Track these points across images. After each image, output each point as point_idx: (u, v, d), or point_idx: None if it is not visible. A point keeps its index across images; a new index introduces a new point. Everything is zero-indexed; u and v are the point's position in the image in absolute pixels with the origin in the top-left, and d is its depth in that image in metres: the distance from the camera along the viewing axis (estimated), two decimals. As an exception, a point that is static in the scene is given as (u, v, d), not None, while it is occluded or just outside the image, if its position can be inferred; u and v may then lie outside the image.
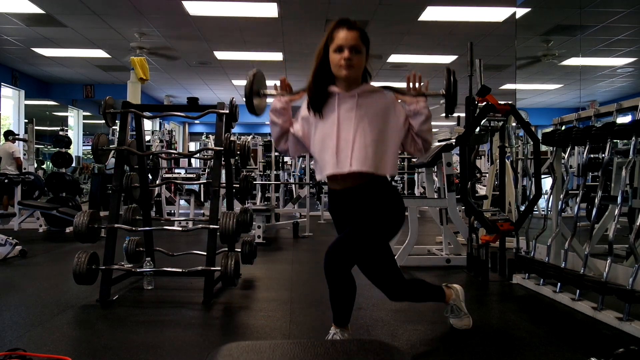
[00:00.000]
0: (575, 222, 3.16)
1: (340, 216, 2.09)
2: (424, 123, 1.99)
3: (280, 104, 2.06)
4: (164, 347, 2.20)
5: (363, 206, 1.99)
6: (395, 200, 2.03)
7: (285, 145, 2.12)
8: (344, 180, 1.97)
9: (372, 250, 2.02)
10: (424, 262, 4.18)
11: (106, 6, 6.46)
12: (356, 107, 1.95)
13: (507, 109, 3.38)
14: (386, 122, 1.97)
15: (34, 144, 7.47)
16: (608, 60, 8.24)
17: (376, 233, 1.99)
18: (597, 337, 2.41)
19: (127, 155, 3.24)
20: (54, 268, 4.07)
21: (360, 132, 1.92)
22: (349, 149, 1.92)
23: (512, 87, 9.46)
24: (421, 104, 2.00)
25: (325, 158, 1.96)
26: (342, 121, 1.95)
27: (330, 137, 1.95)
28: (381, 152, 1.95)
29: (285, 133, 2.10)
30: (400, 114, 2.00)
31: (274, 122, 2.09)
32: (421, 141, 2.02)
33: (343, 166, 1.92)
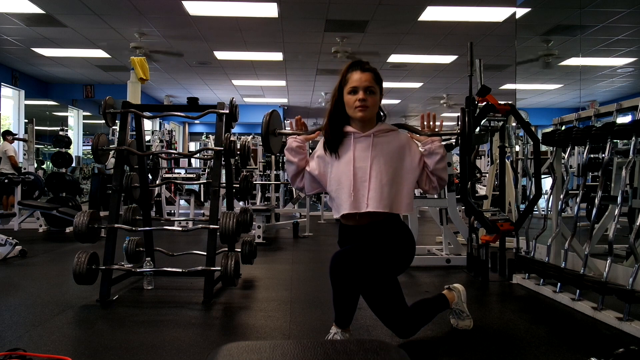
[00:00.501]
0: (575, 222, 3.16)
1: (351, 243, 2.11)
2: (439, 162, 2.03)
3: (297, 143, 2.11)
4: (164, 347, 2.20)
5: (376, 240, 2.03)
6: (406, 237, 2.09)
7: (301, 183, 2.16)
8: (359, 218, 2.01)
9: (379, 278, 2.03)
10: (424, 262, 4.18)
11: (106, 6, 6.46)
12: (372, 146, 2.00)
13: (507, 109, 3.38)
14: (401, 162, 2.02)
15: (34, 144, 7.46)
16: (608, 60, 8.24)
17: (385, 260, 2.03)
18: (597, 337, 2.41)
19: (127, 155, 3.24)
20: (54, 268, 4.07)
21: (375, 172, 1.97)
22: (365, 189, 1.97)
23: (512, 87, 9.46)
24: (436, 143, 2.04)
25: (341, 197, 2.01)
26: (357, 161, 1.99)
27: (346, 176, 1.99)
28: (396, 191, 1.99)
29: (301, 171, 2.14)
30: (416, 154, 2.05)
31: (290, 161, 2.12)
32: (436, 179, 2.06)
33: (360, 206, 1.97)
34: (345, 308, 2.05)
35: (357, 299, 2.06)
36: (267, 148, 2.24)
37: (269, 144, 2.23)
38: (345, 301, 2.04)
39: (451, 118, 13.65)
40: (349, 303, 2.05)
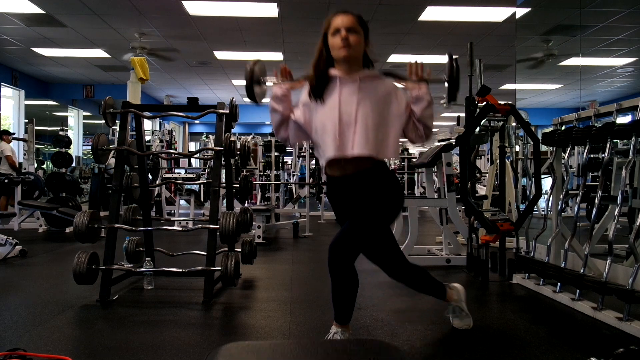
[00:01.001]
0: (575, 222, 3.16)
1: (340, 204, 2.10)
2: (425, 109, 1.99)
3: (281, 91, 2.05)
4: (164, 347, 2.20)
5: (363, 194, 1.99)
6: (394, 185, 2.05)
7: (286, 133, 2.11)
8: (344, 165, 1.97)
9: (375, 237, 2.03)
10: (424, 262, 4.17)
11: (106, 6, 6.46)
12: (358, 90, 1.96)
13: (507, 109, 3.39)
14: (388, 107, 1.98)
15: (34, 144, 7.45)
16: (608, 60, 8.24)
17: (378, 221, 2.00)
18: (597, 337, 2.41)
19: (127, 155, 3.24)
20: (54, 268, 4.07)
21: (361, 116, 1.93)
22: (351, 133, 1.92)
23: (512, 87, 9.46)
24: (423, 89, 2.00)
25: (326, 141, 1.96)
26: (343, 104, 1.95)
27: (331, 120, 1.95)
28: (383, 135, 1.95)
29: (285, 120, 2.09)
30: (402, 100, 2.01)
31: (274, 109, 2.08)
32: (423, 127, 2.02)
33: (345, 149, 1.92)
34: (344, 301, 2.06)
35: (356, 291, 2.06)
36: (252, 97, 2.18)
37: (253, 93, 2.17)
38: (344, 293, 2.05)
39: (451, 118, 13.64)
40: (348, 295, 2.05)
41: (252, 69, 2.14)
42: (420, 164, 5.24)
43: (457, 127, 6.22)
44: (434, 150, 4.73)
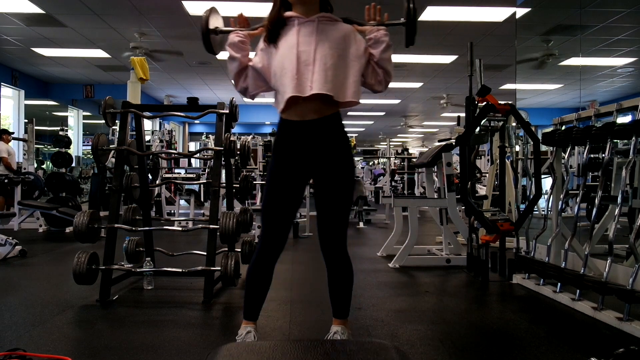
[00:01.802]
0: (575, 222, 3.16)
1: (296, 156, 1.96)
2: (384, 51, 1.96)
3: (239, 38, 2.00)
4: (164, 347, 2.20)
5: (329, 152, 1.94)
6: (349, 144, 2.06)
7: (245, 83, 2.02)
8: (304, 109, 1.90)
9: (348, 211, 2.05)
10: (424, 262, 4.18)
11: (106, 6, 6.46)
12: (316, 31, 1.92)
13: (507, 109, 3.39)
14: (346, 49, 1.94)
15: (34, 144, 7.45)
16: (608, 60, 8.24)
17: (350, 196, 2.03)
18: (597, 337, 2.41)
19: (127, 155, 3.24)
20: (54, 268, 4.07)
21: (320, 55, 1.88)
22: (310, 72, 1.86)
23: (512, 87, 9.45)
24: (381, 31, 1.98)
25: (284, 82, 1.88)
26: (301, 45, 1.90)
27: (289, 60, 1.88)
28: (342, 76, 1.90)
29: (244, 69, 2.01)
30: (361, 42, 1.98)
31: (232, 57, 1.99)
32: (382, 72, 1.99)
33: (303, 89, 1.85)
34: (341, 291, 2.11)
35: (352, 278, 2.14)
36: (208, 47, 2.11)
37: (210, 43, 2.10)
38: (341, 283, 2.11)
39: (451, 118, 13.65)
40: (345, 284, 2.12)
41: (207, 18, 2.08)
42: (420, 164, 5.24)
43: (457, 127, 6.22)
44: (434, 150, 4.73)
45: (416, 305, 2.96)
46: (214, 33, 2.12)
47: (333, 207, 1.99)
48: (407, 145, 21.80)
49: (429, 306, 2.94)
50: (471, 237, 3.78)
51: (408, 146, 21.19)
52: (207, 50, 2.14)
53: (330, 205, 1.99)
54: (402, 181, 11.40)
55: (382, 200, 9.61)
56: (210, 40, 2.11)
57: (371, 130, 20.10)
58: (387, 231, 6.01)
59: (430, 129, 19.16)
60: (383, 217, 7.95)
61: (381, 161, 15.27)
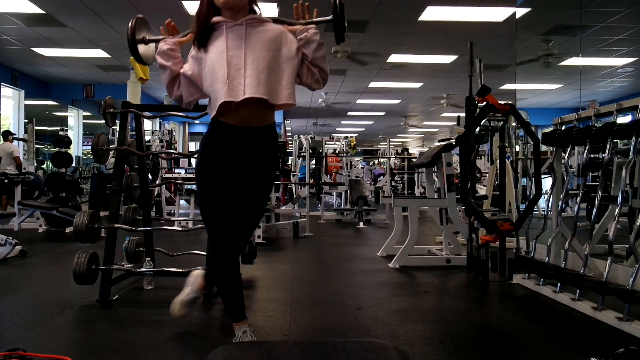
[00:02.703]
0: (575, 222, 3.16)
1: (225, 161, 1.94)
2: (317, 50, 1.96)
3: (168, 45, 1.98)
4: (164, 347, 2.20)
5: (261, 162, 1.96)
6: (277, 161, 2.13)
7: (178, 91, 2.01)
8: (239, 114, 1.88)
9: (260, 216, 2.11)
10: (424, 262, 4.18)
11: (106, 6, 6.46)
12: (245, 34, 1.90)
13: (507, 109, 3.39)
14: (278, 50, 1.92)
15: (33, 144, 7.46)
16: (608, 60, 8.24)
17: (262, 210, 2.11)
18: (597, 337, 2.41)
19: (127, 155, 3.24)
20: (54, 268, 4.07)
21: (251, 59, 1.87)
22: (241, 77, 1.85)
23: (512, 87, 9.45)
24: (312, 31, 1.97)
25: (216, 88, 1.86)
26: (230, 49, 1.88)
27: (220, 65, 1.87)
28: (275, 79, 1.88)
29: (176, 77, 1.99)
30: (293, 43, 1.97)
31: (162, 66, 1.97)
32: (318, 70, 1.99)
33: (236, 94, 1.84)
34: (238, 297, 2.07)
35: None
36: (137, 57, 2.08)
37: (138, 53, 2.07)
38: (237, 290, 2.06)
39: (451, 118, 13.65)
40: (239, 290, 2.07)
41: (132, 27, 2.06)
42: (420, 164, 5.24)
43: (457, 127, 6.22)
44: (434, 150, 4.73)
45: (416, 305, 2.96)
46: (142, 42, 2.10)
47: (245, 210, 2.00)
48: (407, 145, 21.81)
49: (429, 306, 2.94)
50: (471, 237, 3.78)
51: (408, 146, 21.21)
52: (137, 60, 2.12)
53: (243, 209, 1.99)
54: (402, 181, 11.40)
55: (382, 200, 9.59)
56: (137, 49, 2.09)
57: (371, 130, 20.11)
58: (387, 231, 6.01)
59: (430, 129, 19.17)
60: (383, 217, 7.95)
61: (381, 161, 15.27)
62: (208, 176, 1.96)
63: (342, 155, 10.17)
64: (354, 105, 14.08)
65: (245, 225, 2.03)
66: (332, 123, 18.27)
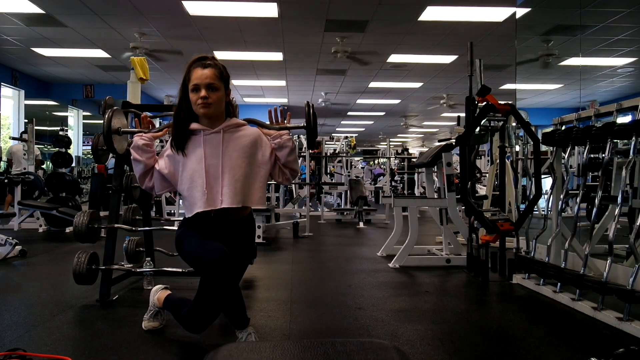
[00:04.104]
0: (575, 222, 3.16)
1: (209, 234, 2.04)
2: (289, 154, 2.05)
3: (143, 141, 2.04)
4: (164, 347, 2.20)
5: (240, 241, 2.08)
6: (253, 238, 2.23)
7: (150, 183, 2.07)
8: (215, 216, 1.99)
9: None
10: (424, 262, 4.18)
11: (106, 6, 6.46)
12: (222, 142, 1.98)
13: (507, 109, 3.39)
14: (253, 156, 2.01)
15: (34, 144, 7.46)
16: (608, 60, 8.24)
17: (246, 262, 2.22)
18: (597, 337, 2.41)
19: (127, 155, 3.24)
20: (54, 268, 4.07)
21: (228, 168, 1.95)
22: (219, 186, 1.94)
23: (512, 87, 9.46)
24: (285, 137, 2.05)
25: (195, 195, 1.95)
26: (209, 158, 1.96)
27: (198, 174, 1.95)
28: (249, 185, 1.98)
29: (149, 170, 2.06)
30: (267, 147, 2.05)
31: (136, 160, 2.03)
32: (289, 171, 2.09)
33: (214, 202, 1.93)
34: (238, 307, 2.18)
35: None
36: (111, 148, 2.14)
37: (112, 144, 2.13)
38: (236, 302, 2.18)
39: (451, 118, 13.65)
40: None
41: (109, 118, 2.11)
42: (420, 164, 5.24)
43: (457, 127, 6.22)
44: (434, 150, 4.73)
45: (416, 305, 2.96)
46: (116, 133, 2.16)
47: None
48: (407, 145, 21.82)
49: (429, 306, 2.94)
50: (471, 237, 3.78)
51: (408, 146, 21.21)
52: (109, 150, 2.18)
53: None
54: (402, 181, 11.41)
55: (382, 200, 9.62)
56: (112, 141, 2.15)
57: (371, 130, 20.10)
58: (387, 231, 6.01)
59: (430, 129, 19.16)
60: (383, 217, 7.95)
61: (381, 161, 15.28)
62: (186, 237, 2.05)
63: (342, 155, 10.17)
64: (354, 105, 14.08)
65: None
66: (332, 123, 18.27)
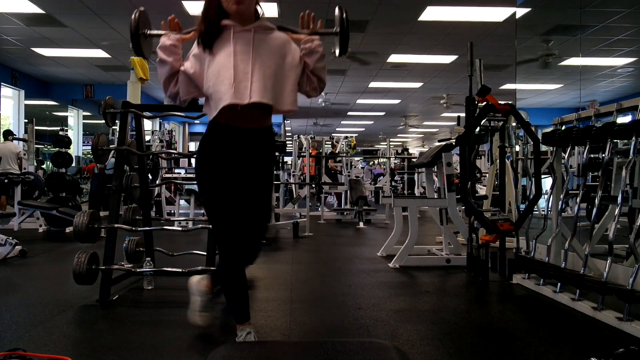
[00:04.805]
0: (575, 222, 3.16)
1: (225, 163, 1.95)
2: (318, 61, 2.00)
3: (170, 41, 1.98)
4: (164, 347, 2.20)
5: (261, 162, 2.00)
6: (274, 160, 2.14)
7: (175, 88, 1.99)
8: (239, 117, 1.89)
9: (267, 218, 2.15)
10: (424, 262, 4.18)
11: (106, 6, 6.46)
12: (253, 40, 1.92)
13: (507, 109, 3.39)
14: (283, 58, 1.96)
15: (34, 144, 7.46)
16: (608, 60, 8.24)
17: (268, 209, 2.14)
18: (597, 337, 2.41)
19: (127, 155, 3.24)
20: (54, 268, 4.07)
21: (258, 65, 1.88)
22: (248, 81, 1.86)
23: (512, 87, 9.46)
24: (316, 42, 2.01)
25: (221, 89, 1.87)
26: (238, 54, 1.89)
27: (226, 68, 1.87)
28: (280, 86, 1.92)
29: (175, 73, 1.97)
30: (296, 52, 2.00)
31: (163, 61, 1.96)
32: (316, 80, 2.03)
33: (242, 97, 1.85)
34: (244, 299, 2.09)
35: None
36: (138, 50, 2.06)
37: (140, 47, 2.05)
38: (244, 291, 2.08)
39: (451, 118, 13.65)
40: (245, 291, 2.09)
41: (136, 20, 2.05)
42: (420, 164, 5.24)
43: (457, 127, 6.22)
44: (434, 150, 4.73)
45: (416, 305, 2.96)
46: (143, 36, 2.10)
47: (250, 211, 2.01)
48: (407, 145, 21.81)
49: (429, 306, 2.94)
50: (471, 237, 3.78)
51: (408, 146, 21.21)
52: (136, 52, 2.11)
53: (248, 210, 2.01)
54: (402, 181, 11.41)
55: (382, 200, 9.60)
56: (139, 42, 2.08)
57: (371, 130, 20.11)
58: (387, 231, 6.01)
59: (430, 129, 19.18)
60: (383, 217, 7.95)
61: (381, 161, 15.27)
62: (208, 176, 1.97)
63: (342, 155, 10.17)
64: (354, 105, 14.08)
65: (252, 226, 2.04)
66: (332, 123, 18.27)
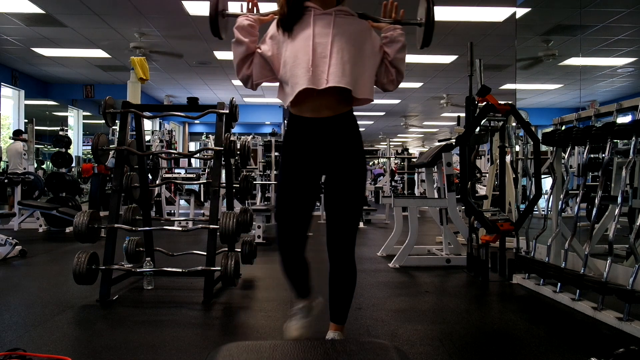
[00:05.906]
0: (575, 222, 3.16)
1: (306, 157, 1.88)
2: (399, 51, 1.95)
3: (249, 21, 1.92)
4: (164, 347, 2.20)
5: (344, 152, 1.86)
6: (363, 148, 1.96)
7: (249, 70, 1.92)
8: (316, 104, 1.82)
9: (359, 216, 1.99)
10: (424, 262, 4.18)
11: (106, 6, 6.46)
12: (333, 24, 1.85)
13: (507, 109, 3.38)
14: (363, 45, 1.89)
15: (34, 144, 7.46)
16: (608, 60, 8.24)
17: (362, 198, 1.96)
18: (597, 337, 2.41)
19: (127, 155, 3.24)
20: (54, 268, 4.07)
21: (337, 49, 1.80)
22: (326, 65, 1.78)
23: (512, 87, 9.45)
24: (398, 31, 1.96)
25: (297, 73, 1.79)
26: (317, 37, 1.81)
27: (304, 51, 1.80)
28: (358, 72, 1.83)
29: (250, 55, 1.91)
30: (376, 40, 1.95)
31: (239, 41, 1.90)
32: (395, 71, 1.96)
33: (319, 81, 1.77)
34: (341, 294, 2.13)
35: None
36: (216, 31, 2.02)
37: (218, 27, 2.01)
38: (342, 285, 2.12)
39: (451, 118, 13.64)
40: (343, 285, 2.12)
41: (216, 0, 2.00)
42: (420, 164, 5.24)
43: (457, 127, 6.22)
44: (434, 150, 4.73)
45: (416, 305, 2.96)
46: (221, 15, 2.04)
47: (343, 209, 1.91)
48: (407, 145, 21.81)
49: (429, 306, 2.94)
50: (471, 237, 3.78)
51: (408, 146, 21.20)
52: (214, 33, 2.04)
53: (341, 207, 1.91)
54: (402, 181, 11.40)
55: (382, 200, 9.61)
56: (218, 22, 2.02)
57: (371, 130, 20.09)
58: (387, 231, 6.01)
59: (430, 129, 19.16)
60: (383, 217, 7.95)
61: (381, 161, 15.27)
62: (290, 173, 1.89)
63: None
64: (353, 105, 14.07)
65: (341, 227, 1.94)
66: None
